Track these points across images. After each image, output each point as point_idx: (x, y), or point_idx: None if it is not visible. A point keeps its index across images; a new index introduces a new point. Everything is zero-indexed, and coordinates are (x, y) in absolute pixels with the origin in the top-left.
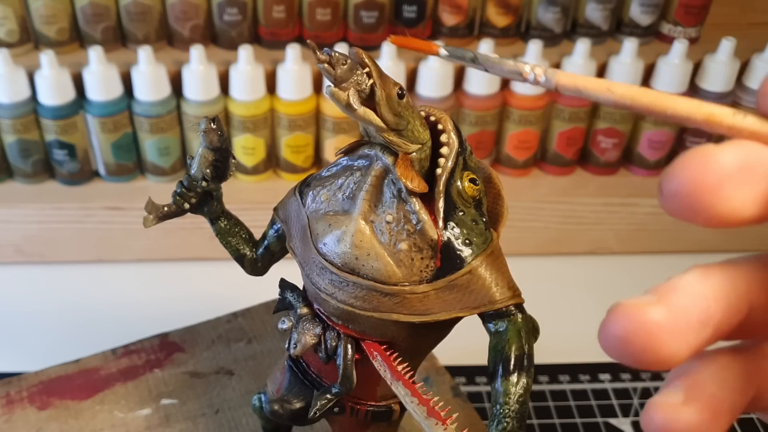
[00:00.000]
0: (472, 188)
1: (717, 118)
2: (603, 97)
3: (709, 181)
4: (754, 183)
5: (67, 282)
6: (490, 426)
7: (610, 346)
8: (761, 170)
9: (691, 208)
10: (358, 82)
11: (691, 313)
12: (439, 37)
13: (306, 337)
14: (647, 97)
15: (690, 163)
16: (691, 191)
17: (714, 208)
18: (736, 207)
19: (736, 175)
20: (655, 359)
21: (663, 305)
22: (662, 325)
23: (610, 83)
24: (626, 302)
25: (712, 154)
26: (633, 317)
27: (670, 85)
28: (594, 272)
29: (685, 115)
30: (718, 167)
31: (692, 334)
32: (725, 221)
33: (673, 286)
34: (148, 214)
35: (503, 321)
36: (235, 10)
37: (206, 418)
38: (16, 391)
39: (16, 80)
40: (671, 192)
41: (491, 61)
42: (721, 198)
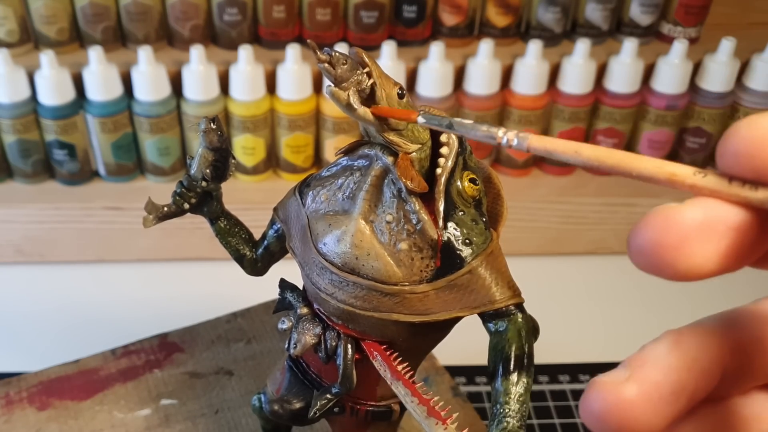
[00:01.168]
0: (472, 188)
1: (679, 178)
2: (571, 159)
3: (670, 240)
4: (714, 240)
5: (67, 282)
6: (490, 426)
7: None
8: (720, 227)
9: (655, 265)
10: (358, 82)
11: (663, 387)
12: (439, 37)
13: (306, 337)
14: (612, 159)
15: (653, 222)
16: (654, 250)
17: (676, 266)
18: (697, 263)
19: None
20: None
21: (634, 382)
22: (635, 403)
23: (578, 146)
24: (601, 380)
25: (675, 212)
26: (607, 396)
27: (670, 85)
28: (594, 272)
29: (648, 175)
30: (679, 226)
31: (665, 407)
32: (688, 276)
33: (645, 359)
34: (147, 214)
35: (503, 321)
36: (235, 10)
37: (206, 418)
38: (16, 392)
39: (16, 80)
40: (636, 250)
41: (466, 126)
42: (683, 255)
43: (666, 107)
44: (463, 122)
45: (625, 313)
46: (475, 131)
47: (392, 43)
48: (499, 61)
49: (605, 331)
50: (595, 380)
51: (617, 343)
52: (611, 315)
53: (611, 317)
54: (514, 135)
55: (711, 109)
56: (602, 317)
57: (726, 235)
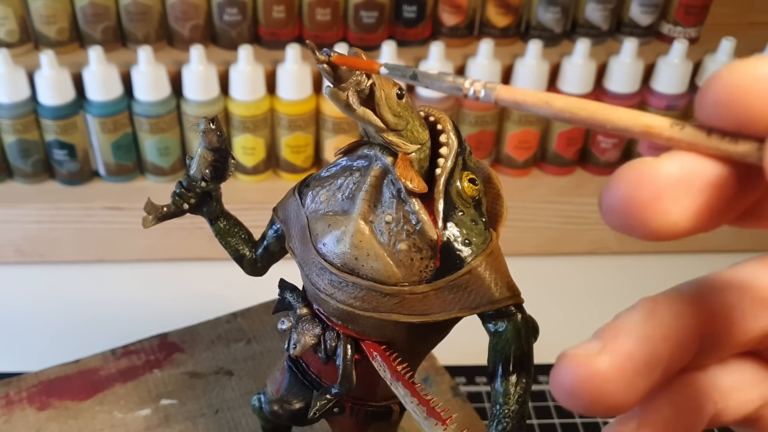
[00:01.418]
0: (472, 188)
1: (655, 130)
2: (542, 110)
3: (644, 195)
4: (690, 196)
5: (67, 282)
6: (490, 426)
7: (560, 397)
8: (697, 182)
9: (627, 223)
10: (357, 83)
11: (636, 358)
12: (439, 37)
13: (305, 337)
14: (585, 111)
15: (626, 177)
16: (627, 206)
17: (650, 223)
18: (672, 221)
19: (672, 189)
20: (605, 408)
21: (607, 353)
22: (607, 375)
23: (549, 96)
24: (572, 352)
25: (649, 167)
26: (578, 369)
27: (670, 85)
28: (594, 272)
29: (622, 127)
30: (654, 181)
31: (639, 379)
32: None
33: (618, 329)
34: (147, 214)
35: (503, 321)
36: (235, 10)
37: (206, 418)
38: (16, 392)
39: (16, 80)
40: (608, 207)
41: (431, 77)
42: (657, 212)
43: (666, 107)
44: (427, 72)
45: None
46: (440, 82)
47: (392, 43)
48: (499, 61)
49: None
50: (566, 352)
51: None
52: (611, 315)
53: (611, 317)
54: (481, 86)
55: None
56: (602, 317)
57: (703, 191)
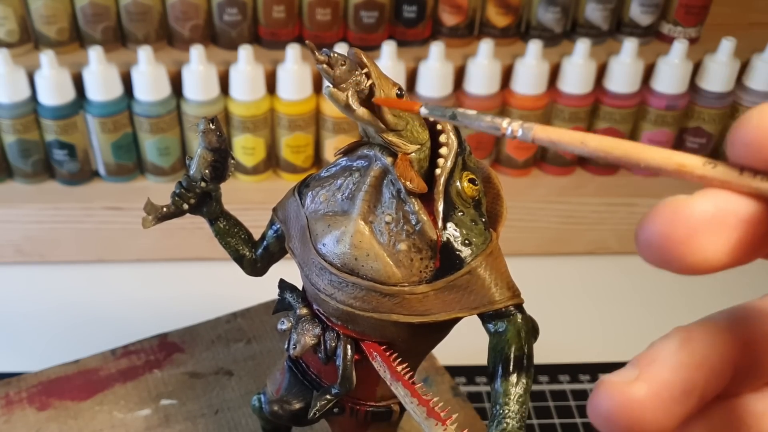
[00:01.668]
0: (472, 188)
1: (688, 169)
2: (578, 149)
3: (679, 233)
4: (724, 232)
5: (67, 282)
6: (490, 426)
7: (597, 423)
8: (731, 219)
9: (664, 259)
10: (357, 83)
11: (673, 386)
12: (439, 37)
13: (305, 337)
14: (620, 150)
15: (661, 215)
16: (663, 243)
17: (686, 259)
18: (707, 258)
19: (706, 226)
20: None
21: (644, 381)
22: (644, 403)
23: (584, 136)
24: (609, 379)
25: (684, 204)
26: (615, 396)
27: (670, 85)
28: (594, 272)
29: (656, 166)
30: (689, 219)
31: (676, 407)
32: (698, 270)
33: (654, 357)
34: (147, 214)
35: (503, 321)
36: (235, 10)
37: (206, 418)
38: (16, 392)
39: (16, 80)
40: (645, 243)
41: (470, 117)
42: (692, 249)
43: (666, 107)
44: (466, 113)
45: (625, 313)
46: (479, 122)
47: (392, 43)
48: (499, 61)
49: (605, 331)
50: (603, 380)
51: (617, 343)
52: (611, 315)
53: (611, 317)
54: (519, 126)
55: (711, 109)
56: (602, 317)
57: (737, 228)
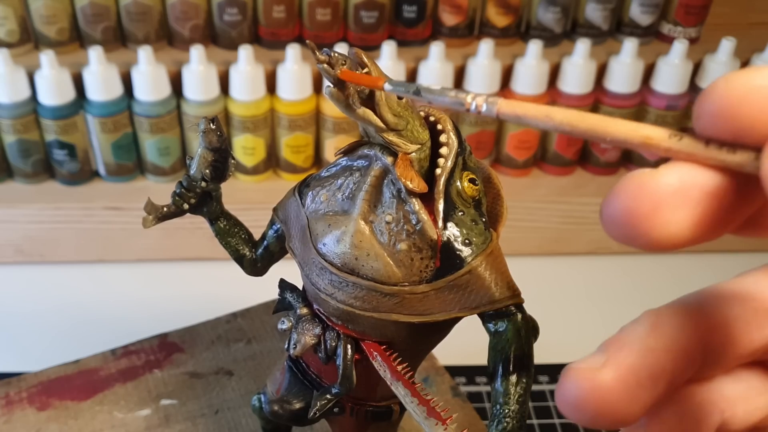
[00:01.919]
0: (472, 188)
1: (654, 141)
2: (542, 123)
3: (643, 206)
4: (689, 206)
5: (67, 282)
6: (490, 426)
7: (565, 411)
8: (695, 193)
9: (628, 234)
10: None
11: (640, 371)
12: (439, 37)
13: (305, 337)
14: (585, 123)
15: (625, 189)
16: (627, 217)
17: (650, 234)
18: (671, 231)
19: (670, 200)
20: (609, 421)
21: (610, 367)
22: (611, 388)
23: (549, 109)
24: (576, 366)
25: (648, 178)
26: (582, 382)
27: (670, 85)
28: (594, 272)
29: (622, 139)
30: (652, 193)
31: (644, 392)
32: (662, 245)
33: (622, 342)
34: (147, 214)
35: (503, 321)
36: (235, 10)
37: (206, 418)
38: (16, 392)
39: (16, 80)
40: (609, 218)
41: (434, 92)
42: (657, 223)
43: (666, 107)
44: (430, 88)
45: (625, 313)
46: (443, 97)
47: (392, 43)
48: (499, 61)
49: (605, 331)
50: (570, 366)
51: None
52: (611, 315)
53: (611, 317)
54: (483, 100)
55: None
56: (602, 317)
57: (702, 201)
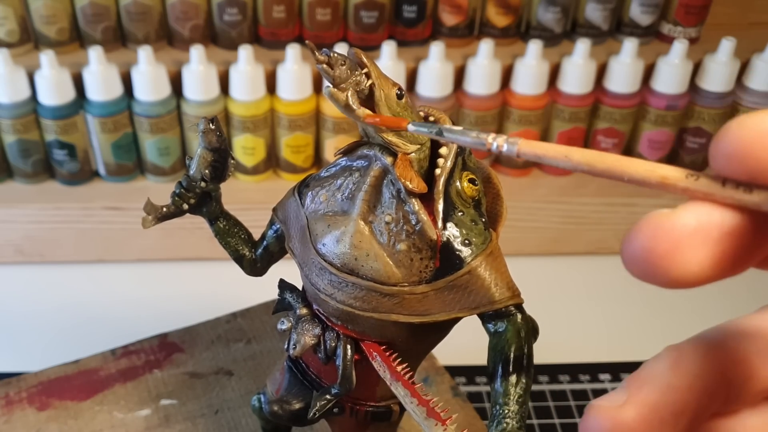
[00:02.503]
0: (471, 188)
1: (671, 182)
2: (562, 163)
3: (662, 247)
4: (707, 245)
5: (67, 282)
6: (490, 426)
7: None
8: (714, 232)
9: (648, 274)
10: (357, 83)
11: (663, 409)
12: (439, 37)
13: (305, 337)
14: (603, 164)
15: (644, 229)
16: (647, 257)
17: (670, 273)
18: (691, 270)
19: (689, 240)
20: None
21: (632, 405)
22: (633, 427)
23: (567, 150)
24: (598, 404)
25: (666, 218)
26: (604, 422)
27: (670, 85)
28: (594, 272)
29: (640, 179)
30: (671, 233)
31: (666, 429)
32: (682, 284)
33: (644, 379)
34: (146, 214)
35: (503, 321)
36: (235, 10)
37: (206, 418)
38: (16, 392)
39: (16, 80)
40: (629, 258)
41: (455, 133)
42: (675, 263)
43: (666, 107)
44: (452, 128)
45: (625, 313)
46: (464, 137)
47: (392, 43)
48: (499, 61)
49: (605, 331)
50: (593, 404)
51: (617, 343)
52: (611, 315)
53: (611, 317)
54: (504, 140)
55: (711, 109)
56: (602, 317)
57: (720, 240)
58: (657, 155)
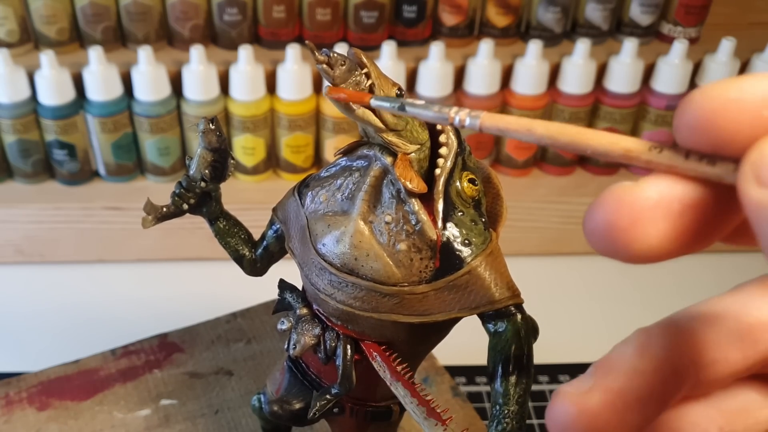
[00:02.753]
0: (471, 188)
1: (633, 154)
2: (524, 136)
3: (623, 221)
4: (668, 219)
5: (67, 282)
6: (490, 426)
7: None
8: (675, 205)
9: (608, 247)
10: (356, 83)
11: (628, 394)
12: (439, 37)
13: (305, 337)
14: (566, 136)
15: (605, 202)
16: (607, 231)
17: (630, 247)
18: (652, 244)
19: (650, 213)
20: None
21: (597, 390)
22: (599, 413)
23: (530, 122)
24: (564, 389)
25: (627, 191)
26: (570, 406)
27: (670, 85)
28: (594, 272)
29: (602, 151)
30: (632, 206)
31: (633, 415)
32: (644, 258)
33: (610, 365)
34: (146, 215)
35: (503, 321)
36: (235, 10)
37: (206, 418)
38: (16, 392)
39: (16, 80)
40: (590, 231)
41: (417, 107)
42: (636, 237)
43: (666, 107)
44: (414, 102)
45: (624, 313)
46: (427, 112)
47: (392, 43)
48: (499, 61)
49: (605, 331)
50: (559, 390)
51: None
52: (611, 315)
53: (611, 317)
54: (466, 114)
55: None
56: (602, 317)
57: (682, 214)
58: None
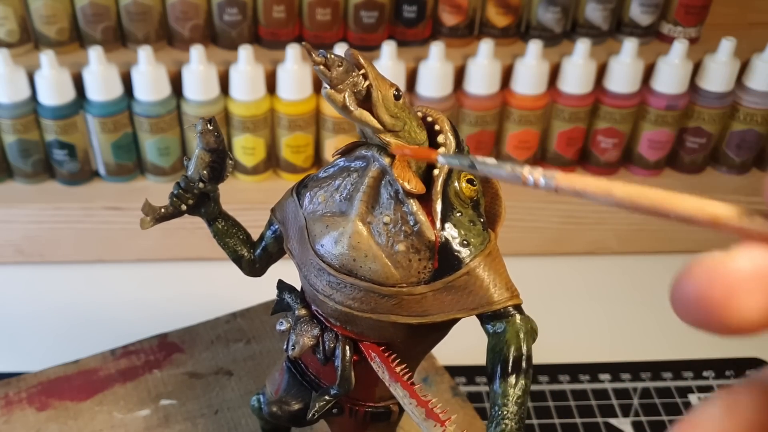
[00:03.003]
0: (470, 189)
1: (723, 221)
2: (602, 199)
3: (717, 294)
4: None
5: (67, 282)
6: (489, 427)
7: None
8: None
9: (702, 321)
10: (354, 84)
11: None
12: (439, 37)
13: (304, 338)
14: (648, 200)
15: (696, 274)
16: (700, 304)
17: (725, 321)
18: (747, 317)
19: (745, 285)
20: None
21: None
22: None
23: (609, 185)
24: None
25: (720, 262)
26: None
27: (670, 85)
28: (594, 272)
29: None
30: (726, 278)
31: None
32: (738, 332)
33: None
34: (145, 215)
35: (501, 322)
36: (235, 10)
37: (205, 418)
38: (15, 392)
39: (16, 80)
40: (680, 303)
41: (489, 166)
42: (731, 310)
43: (666, 107)
44: (486, 161)
45: (625, 313)
46: (499, 170)
47: (392, 43)
48: (499, 61)
49: (605, 331)
50: None
51: (617, 343)
52: (611, 315)
53: (611, 317)
54: (540, 174)
55: (711, 109)
56: (602, 317)
57: None
58: (657, 155)
